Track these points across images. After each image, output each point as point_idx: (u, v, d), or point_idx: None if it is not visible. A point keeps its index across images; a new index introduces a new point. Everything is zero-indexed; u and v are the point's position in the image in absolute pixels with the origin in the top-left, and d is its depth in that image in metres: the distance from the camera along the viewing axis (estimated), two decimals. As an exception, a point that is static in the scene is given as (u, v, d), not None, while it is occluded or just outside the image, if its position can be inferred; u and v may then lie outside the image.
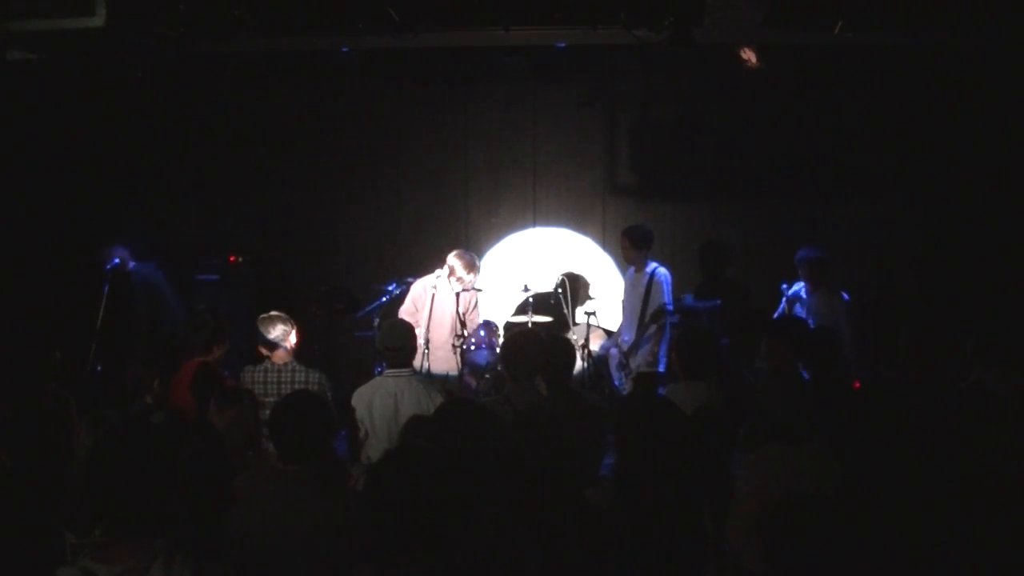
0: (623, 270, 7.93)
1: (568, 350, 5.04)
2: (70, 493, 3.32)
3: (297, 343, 5.50)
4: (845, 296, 7.12)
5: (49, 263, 7.74)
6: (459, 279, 7.02)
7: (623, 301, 7.78)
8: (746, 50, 7.24)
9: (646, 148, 8.74)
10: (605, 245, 8.78)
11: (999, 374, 4.71)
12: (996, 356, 4.86)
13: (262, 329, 5.39)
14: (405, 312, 7.01)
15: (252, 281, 8.49)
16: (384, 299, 7.49)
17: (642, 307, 7.45)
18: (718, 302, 7.78)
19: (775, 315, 7.30)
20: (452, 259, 7.07)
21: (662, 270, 7.51)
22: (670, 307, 7.43)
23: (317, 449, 3.40)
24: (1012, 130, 7.87)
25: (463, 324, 7.05)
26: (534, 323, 7.38)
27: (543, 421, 3.28)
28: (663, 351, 7.39)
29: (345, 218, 9.08)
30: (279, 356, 5.39)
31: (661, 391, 5.39)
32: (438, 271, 7.07)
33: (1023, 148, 7.86)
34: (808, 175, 8.44)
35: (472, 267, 7.08)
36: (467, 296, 7.18)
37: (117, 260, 7.15)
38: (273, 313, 5.48)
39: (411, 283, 7.35)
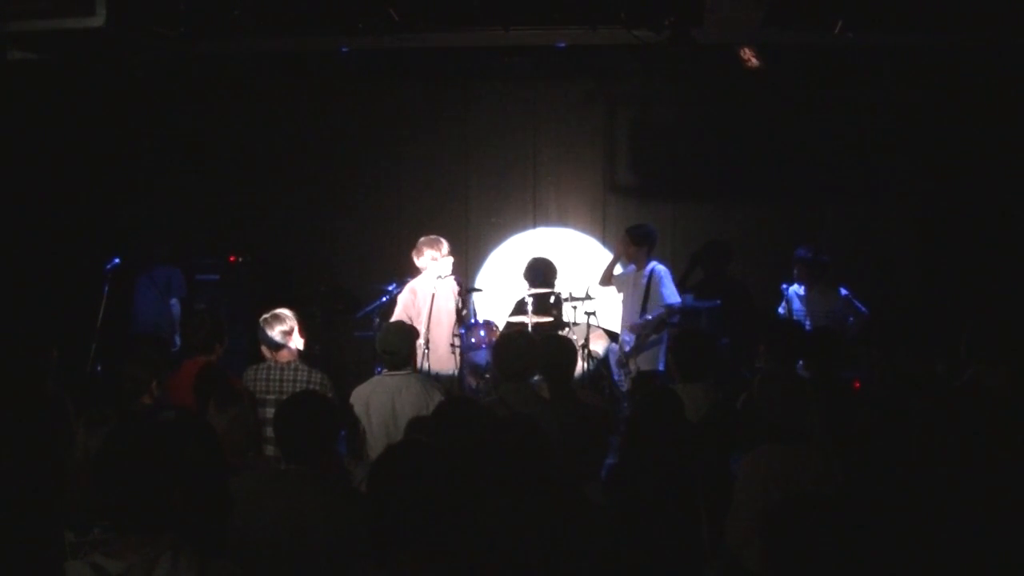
0: (623, 267, 7.90)
1: (568, 350, 4.98)
2: (69, 492, 3.32)
3: (303, 343, 5.40)
4: (843, 291, 7.11)
5: (49, 263, 7.73)
6: (432, 259, 6.93)
7: (623, 300, 7.77)
8: (746, 50, 7.24)
9: (646, 148, 8.74)
10: (605, 245, 8.77)
11: (994, 372, 4.70)
12: (991, 354, 4.86)
13: (265, 329, 5.22)
14: (398, 318, 6.85)
15: (252, 281, 8.49)
16: (384, 299, 7.47)
17: (642, 306, 7.45)
18: (718, 302, 7.78)
19: (781, 313, 7.28)
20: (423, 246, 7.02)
21: (660, 267, 7.52)
22: (677, 301, 7.41)
23: (320, 449, 3.40)
24: (1012, 129, 7.87)
25: (459, 318, 6.97)
26: (535, 324, 7.30)
27: (524, 423, 3.26)
28: (663, 351, 7.39)
29: (345, 218, 9.07)
30: (283, 356, 5.29)
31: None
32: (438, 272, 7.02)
33: (1023, 148, 7.87)
34: (808, 175, 8.45)
35: (431, 243, 6.98)
36: (450, 289, 7.05)
37: (117, 260, 7.13)
38: (275, 311, 5.28)
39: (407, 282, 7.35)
